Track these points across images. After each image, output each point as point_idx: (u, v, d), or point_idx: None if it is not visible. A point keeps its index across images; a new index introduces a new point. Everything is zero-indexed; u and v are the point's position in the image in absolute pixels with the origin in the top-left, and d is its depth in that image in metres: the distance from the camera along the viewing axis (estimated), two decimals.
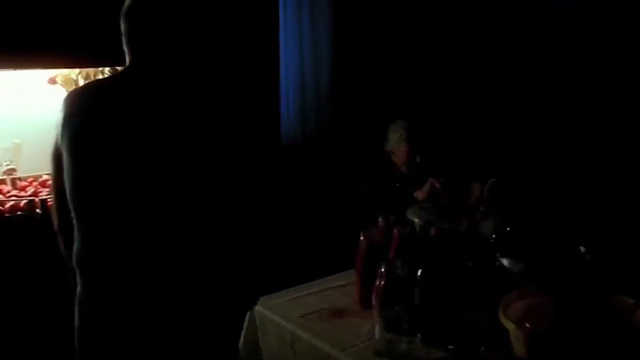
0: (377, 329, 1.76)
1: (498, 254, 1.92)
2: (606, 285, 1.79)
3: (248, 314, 2.06)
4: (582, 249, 1.95)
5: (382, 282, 1.77)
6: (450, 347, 1.70)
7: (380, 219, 2.08)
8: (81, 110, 1.71)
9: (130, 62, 1.75)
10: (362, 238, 2.02)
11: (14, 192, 2.77)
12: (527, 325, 1.43)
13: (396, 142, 2.51)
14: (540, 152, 2.50)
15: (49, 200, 2.66)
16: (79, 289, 1.76)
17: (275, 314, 1.97)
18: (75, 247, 1.73)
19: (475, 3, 2.78)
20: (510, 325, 1.53)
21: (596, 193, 2.25)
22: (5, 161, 2.97)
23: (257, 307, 2.04)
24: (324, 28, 3.63)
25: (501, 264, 1.91)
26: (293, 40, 3.63)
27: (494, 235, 2.06)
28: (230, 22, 3.04)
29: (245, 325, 2.07)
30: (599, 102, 2.39)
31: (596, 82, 2.37)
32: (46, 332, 2.63)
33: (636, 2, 2.36)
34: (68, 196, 1.71)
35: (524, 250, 1.93)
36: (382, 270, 1.76)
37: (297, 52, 3.65)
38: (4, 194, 2.73)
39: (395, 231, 1.98)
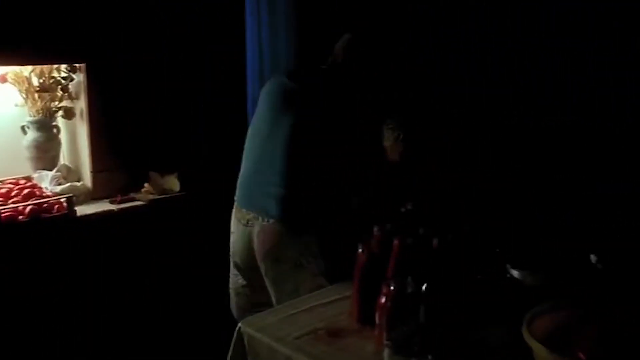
0: (385, 352, 1.61)
1: (508, 265, 1.79)
2: (620, 292, 1.69)
3: (234, 335, 1.88)
4: (593, 257, 1.84)
5: (389, 301, 1.62)
6: None
7: (376, 229, 1.93)
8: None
9: (338, 60, 2.37)
10: (360, 250, 1.86)
11: None
12: (582, 356, 1.28)
13: (392, 142, 2.36)
14: (542, 153, 2.39)
15: (3, 211, 2.41)
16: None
17: (266, 335, 1.79)
18: None
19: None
20: (538, 347, 1.39)
21: (599, 194, 2.16)
22: None
23: (245, 328, 1.85)
24: (283, 32, 3.48)
25: (512, 276, 1.77)
26: (251, 43, 3.48)
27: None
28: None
29: (231, 348, 1.88)
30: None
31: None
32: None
33: (635, 3, 2.28)
34: None
35: (534, 261, 1.81)
36: (391, 288, 1.60)
37: (255, 54, 3.50)
38: None
39: (395, 242, 1.83)
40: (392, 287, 1.60)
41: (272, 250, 2.25)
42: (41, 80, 2.85)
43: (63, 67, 2.88)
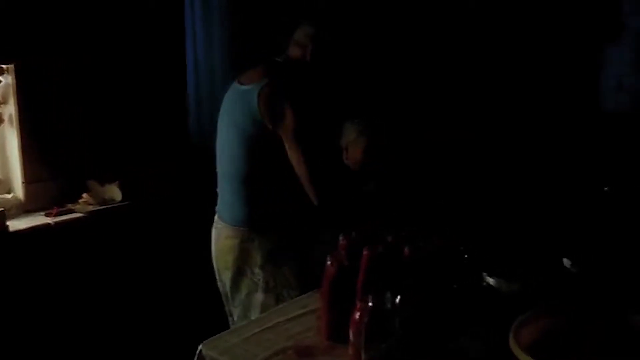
0: None
1: (484, 273, 1.73)
2: (597, 297, 1.67)
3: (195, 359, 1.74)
4: (567, 261, 1.82)
5: (366, 317, 1.52)
6: None
7: (341, 237, 1.83)
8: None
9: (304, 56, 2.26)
10: (329, 262, 1.75)
11: None
12: None
13: (354, 137, 2.30)
14: (516, 157, 2.38)
15: None
16: None
17: (231, 359, 1.66)
18: None
19: None
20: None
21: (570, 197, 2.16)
22: None
23: (207, 351, 1.71)
24: (218, 24, 3.48)
25: (488, 284, 1.72)
26: (189, 47, 3.44)
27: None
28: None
29: None
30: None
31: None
32: None
33: None
34: None
35: (509, 268, 1.77)
36: (370, 304, 1.50)
37: (191, 50, 3.45)
38: None
39: (365, 252, 1.73)
40: (370, 303, 1.50)
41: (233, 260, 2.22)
42: None
43: None
